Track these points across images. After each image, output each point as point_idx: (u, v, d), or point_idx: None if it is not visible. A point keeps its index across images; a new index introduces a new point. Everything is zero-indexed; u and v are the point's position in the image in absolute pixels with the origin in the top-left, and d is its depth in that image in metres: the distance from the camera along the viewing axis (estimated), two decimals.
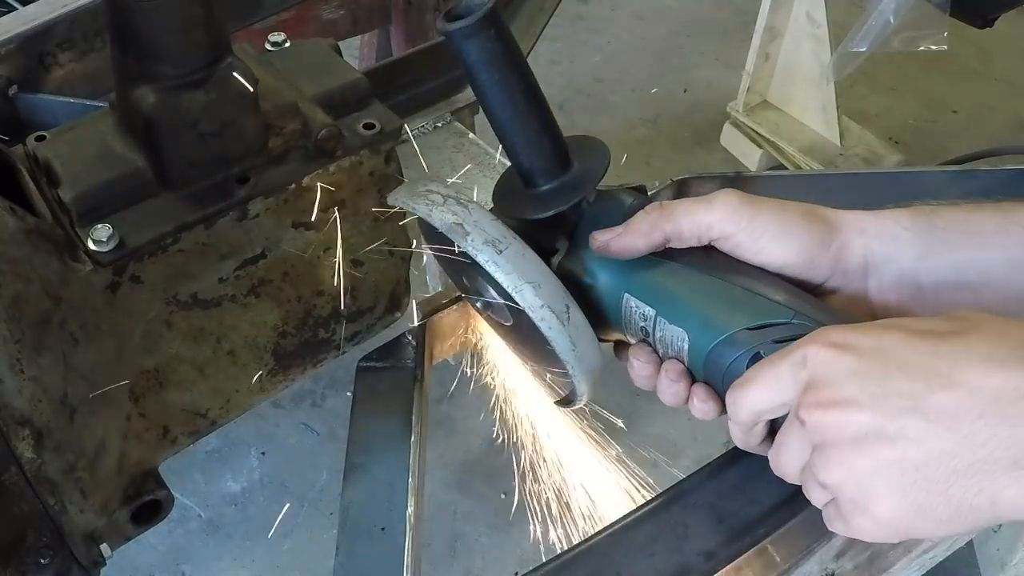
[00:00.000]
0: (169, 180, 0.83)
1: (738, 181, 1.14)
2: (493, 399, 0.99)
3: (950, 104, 2.71)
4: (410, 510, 0.82)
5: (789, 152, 2.31)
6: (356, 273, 0.95)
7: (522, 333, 0.78)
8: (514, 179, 0.82)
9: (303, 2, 1.45)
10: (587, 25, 2.97)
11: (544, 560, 0.76)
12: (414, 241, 0.96)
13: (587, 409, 0.90)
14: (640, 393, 0.79)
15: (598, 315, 0.78)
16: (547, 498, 0.94)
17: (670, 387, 0.75)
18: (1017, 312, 0.69)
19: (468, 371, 1.01)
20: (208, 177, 0.84)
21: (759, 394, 0.67)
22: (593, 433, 0.94)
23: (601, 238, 0.75)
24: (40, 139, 0.85)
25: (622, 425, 0.93)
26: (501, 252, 0.72)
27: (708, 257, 0.75)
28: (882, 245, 0.73)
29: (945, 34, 1.77)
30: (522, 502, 0.96)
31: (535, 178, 0.79)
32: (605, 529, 0.78)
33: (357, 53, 2.04)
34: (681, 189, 1.10)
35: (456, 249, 0.75)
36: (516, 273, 0.72)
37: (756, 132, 2.38)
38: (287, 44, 0.96)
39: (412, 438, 0.88)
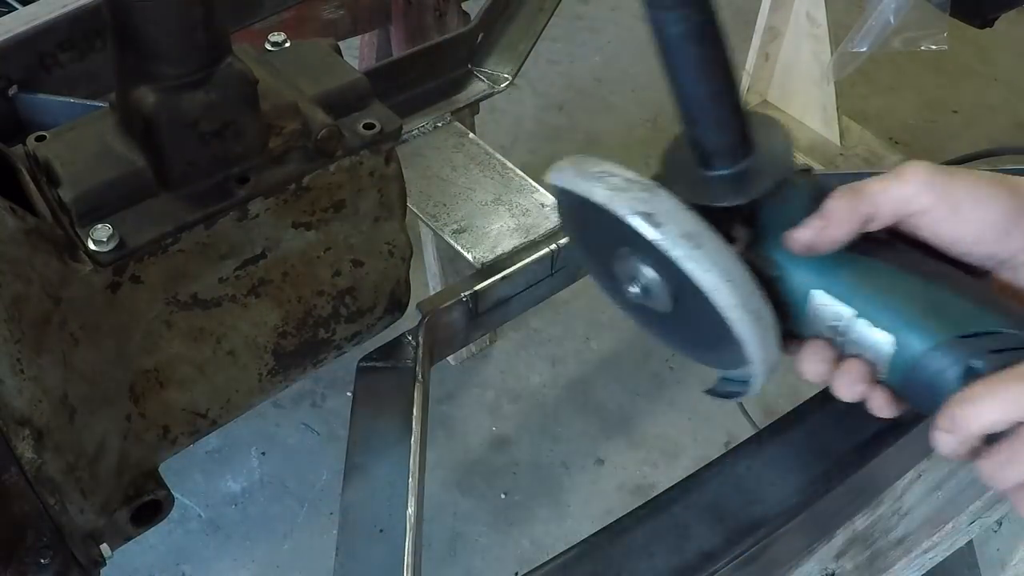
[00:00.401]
0: (169, 180, 0.83)
1: None
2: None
3: (950, 104, 2.71)
4: (410, 510, 0.82)
5: None
6: (356, 273, 0.96)
7: (684, 323, 0.73)
8: (684, 158, 0.75)
9: (303, 2, 1.45)
10: (587, 25, 2.97)
11: (544, 560, 0.76)
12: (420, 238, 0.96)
13: None
14: (641, 393, 0.79)
15: (780, 310, 0.73)
16: None
17: (852, 388, 0.71)
18: None
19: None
20: (208, 177, 0.84)
21: (996, 408, 0.62)
22: None
23: (802, 237, 0.70)
24: (40, 139, 0.85)
25: None
26: (699, 247, 0.67)
27: (897, 252, 0.71)
28: None
29: (945, 34, 1.77)
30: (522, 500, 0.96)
31: (717, 161, 0.73)
32: (605, 529, 0.78)
33: (357, 53, 2.04)
34: None
35: (607, 233, 0.70)
36: (715, 271, 0.67)
37: None
38: (287, 44, 0.96)
39: (412, 438, 0.88)
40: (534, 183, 1.21)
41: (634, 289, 0.74)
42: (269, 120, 0.85)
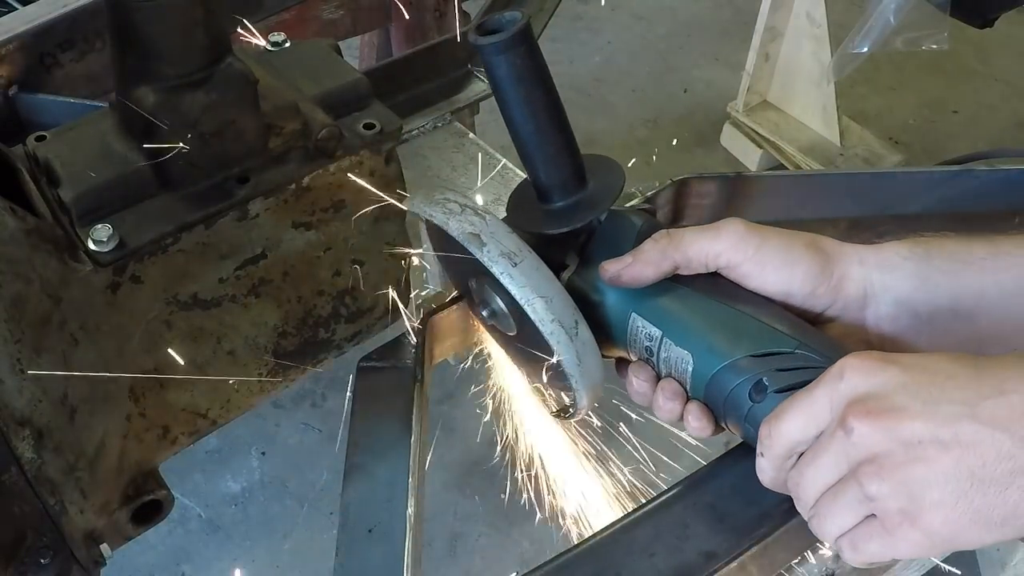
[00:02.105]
0: (169, 180, 0.83)
1: (738, 181, 1.14)
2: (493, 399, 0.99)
3: (950, 104, 2.71)
4: (410, 510, 0.82)
5: (789, 152, 2.31)
6: (356, 273, 0.96)
7: (525, 344, 0.79)
8: (529, 192, 0.83)
9: (303, 2, 1.45)
10: (587, 25, 2.97)
11: (544, 560, 0.76)
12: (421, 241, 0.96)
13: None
14: None
15: (603, 331, 0.79)
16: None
17: (666, 405, 0.77)
18: (1011, 337, 0.72)
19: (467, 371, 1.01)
20: (208, 177, 0.84)
21: (795, 422, 0.67)
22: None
23: (612, 269, 0.76)
24: (40, 139, 0.85)
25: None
26: (516, 265, 0.73)
27: (714, 283, 0.76)
28: (881, 275, 0.75)
29: (945, 34, 1.78)
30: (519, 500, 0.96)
31: (551, 194, 0.81)
32: (605, 529, 0.78)
33: (357, 53, 2.04)
34: (681, 189, 1.10)
35: (464, 257, 0.75)
36: (529, 287, 0.73)
37: (756, 132, 2.38)
38: (287, 44, 0.96)
39: (412, 438, 0.88)
40: None
41: (485, 312, 0.81)
42: (269, 120, 0.85)
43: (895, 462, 0.61)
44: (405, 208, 0.84)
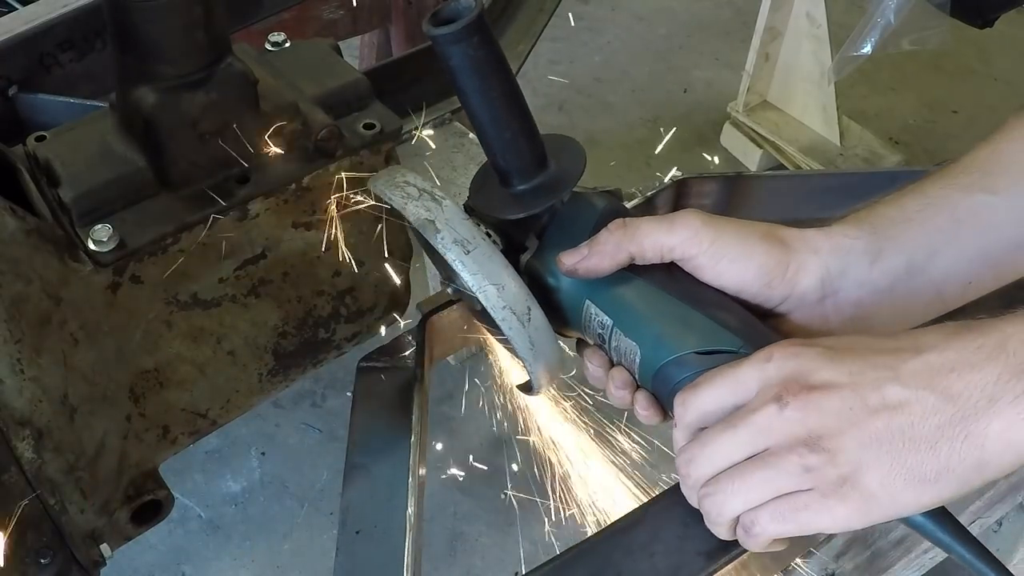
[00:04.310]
0: (169, 180, 0.83)
1: (738, 181, 1.14)
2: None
3: (950, 104, 2.71)
4: (410, 510, 0.82)
5: (789, 152, 2.30)
6: (356, 273, 0.95)
7: (487, 323, 0.80)
8: (491, 175, 0.83)
9: (303, 2, 1.45)
10: (587, 25, 2.96)
11: (544, 560, 0.76)
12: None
13: None
14: None
15: (559, 315, 0.80)
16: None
17: (616, 392, 0.78)
18: (965, 271, 0.75)
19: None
20: (208, 177, 0.84)
21: (714, 394, 0.69)
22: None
23: (568, 262, 0.77)
24: (40, 139, 0.85)
25: None
26: (468, 252, 0.75)
27: (669, 275, 0.77)
28: (837, 260, 0.76)
29: (946, 34, 1.77)
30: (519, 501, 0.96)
31: (511, 179, 0.81)
32: (605, 529, 0.78)
33: (357, 53, 2.04)
34: (681, 189, 1.10)
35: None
36: (481, 274, 0.75)
37: (756, 132, 2.38)
38: (287, 44, 0.96)
39: (412, 438, 0.88)
40: None
41: (450, 289, 0.83)
42: (269, 120, 0.85)
43: (830, 432, 0.63)
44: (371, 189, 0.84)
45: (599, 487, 0.95)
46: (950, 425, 0.61)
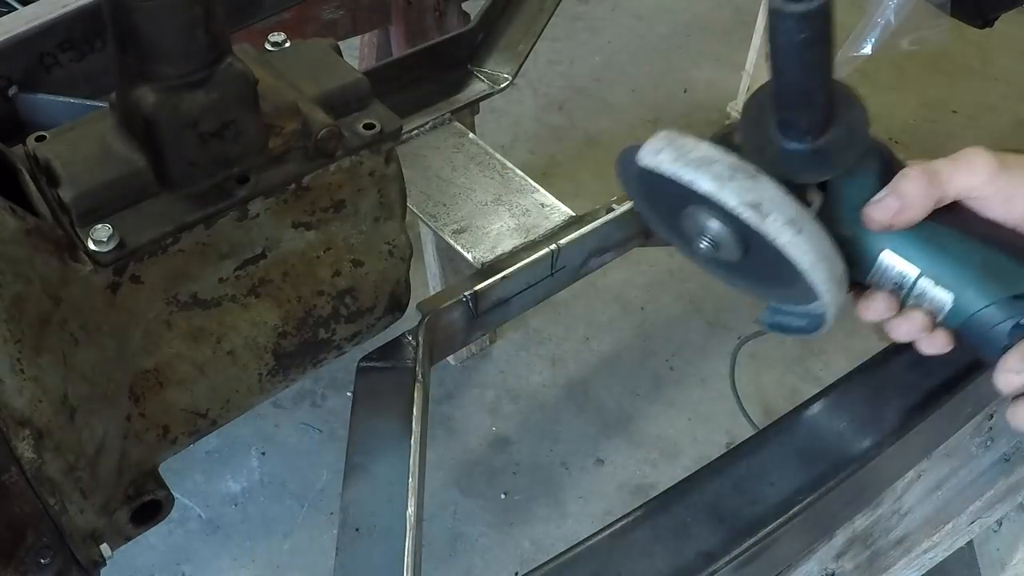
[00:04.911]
0: (169, 180, 0.83)
1: None
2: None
3: (950, 104, 2.71)
4: (410, 510, 0.82)
5: None
6: (356, 273, 0.95)
7: (756, 267, 0.79)
8: (762, 128, 0.79)
9: (303, 2, 1.45)
10: (587, 25, 2.97)
11: (544, 560, 0.76)
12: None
13: None
14: (641, 393, 0.79)
15: (847, 263, 0.79)
16: None
17: (911, 333, 0.78)
18: None
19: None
20: (208, 177, 0.84)
21: None
22: None
23: (881, 218, 0.76)
24: (40, 139, 0.85)
25: None
26: (800, 232, 0.72)
27: (958, 216, 0.77)
28: None
29: (946, 34, 1.77)
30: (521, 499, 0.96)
31: (804, 136, 0.77)
32: (605, 529, 0.78)
33: (357, 53, 2.04)
34: None
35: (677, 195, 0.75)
36: (814, 253, 0.73)
37: None
38: (287, 44, 0.96)
39: (412, 438, 0.88)
40: (534, 183, 1.21)
41: (704, 244, 0.79)
42: (269, 120, 0.85)
43: None
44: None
45: None
46: None
